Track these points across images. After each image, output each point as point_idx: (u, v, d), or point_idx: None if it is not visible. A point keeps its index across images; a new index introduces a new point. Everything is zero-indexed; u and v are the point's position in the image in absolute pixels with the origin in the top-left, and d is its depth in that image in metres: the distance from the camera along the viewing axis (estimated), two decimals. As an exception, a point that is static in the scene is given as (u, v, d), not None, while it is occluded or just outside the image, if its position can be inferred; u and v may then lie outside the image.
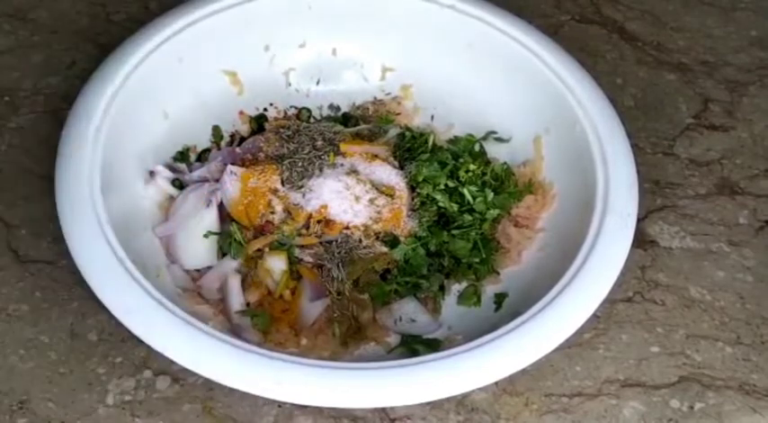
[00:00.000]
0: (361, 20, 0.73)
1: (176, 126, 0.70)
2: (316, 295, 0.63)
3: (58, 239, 0.61)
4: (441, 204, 0.66)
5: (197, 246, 0.64)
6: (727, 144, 0.77)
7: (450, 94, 0.74)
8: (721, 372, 0.63)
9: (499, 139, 0.72)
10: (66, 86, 0.75)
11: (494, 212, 0.67)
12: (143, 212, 0.65)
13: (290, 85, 0.75)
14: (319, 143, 0.69)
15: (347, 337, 0.62)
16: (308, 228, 0.64)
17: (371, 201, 0.65)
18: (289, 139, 0.69)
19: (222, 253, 0.65)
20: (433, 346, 0.61)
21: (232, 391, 0.58)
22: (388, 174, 0.67)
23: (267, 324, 0.61)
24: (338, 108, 0.75)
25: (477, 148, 0.71)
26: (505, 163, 0.71)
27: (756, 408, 0.62)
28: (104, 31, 0.79)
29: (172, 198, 0.67)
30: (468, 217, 0.66)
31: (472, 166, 0.68)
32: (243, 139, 0.72)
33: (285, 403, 0.58)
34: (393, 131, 0.72)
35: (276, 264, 0.63)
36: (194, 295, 0.63)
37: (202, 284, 0.63)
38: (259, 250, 0.64)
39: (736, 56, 0.84)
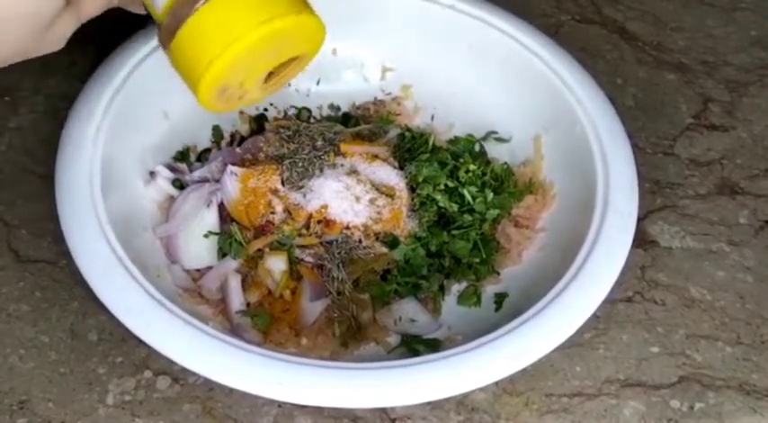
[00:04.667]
0: (361, 20, 0.73)
1: (176, 126, 0.70)
2: (316, 295, 0.63)
3: (58, 239, 0.61)
4: (441, 204, 0.66)
5: (197, 246, 0.64)
6: (728, 144, 0.77)
7: (450, 94, 0.74)
8: (721, 372, 0.63)
9: (499, 139, 0.72)
10: (66, 86, 0.75)
11: (494, 212, 0.67)
12: (143, 212, 0.65)
13: (289, 85, 0.75)
14: (319, 143, 0.69)
15: (347, 337, 0.62)
16: (308, 228, 0.64)
17: (372, 201, 0.65)
18: (289, 139, 0.69)
19: (222, 253, 0.65)
20: (433, 346, 0.61)
21: (232, 391, 0.58)
22: (389, 174, 0.67)
23: (267, 324, 0.61)
24: (338, 108, 0.75)
25: (477, 148, 0.71)
26: (505, 163, 0.71)
27: (756, 408, 0.62)
28: (104, 32, 0.79)
29: (172, 198, 0.67)
30: (468, 217, 0.66)
31: (472, 167, 0.68)
32: (243, 139, 0.72)
33: (285, 403, 0.58)
34: (393, 132, 0.72)
35: (276, 264, 0.63)
36: (194, 295, 0.63)
37: (202, 284, 0.63)
38: (259, 250, 0.64)
39: (736, 56, 0.84)
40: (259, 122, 0.73)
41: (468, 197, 0.67)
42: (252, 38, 0.49)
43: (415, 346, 0.61)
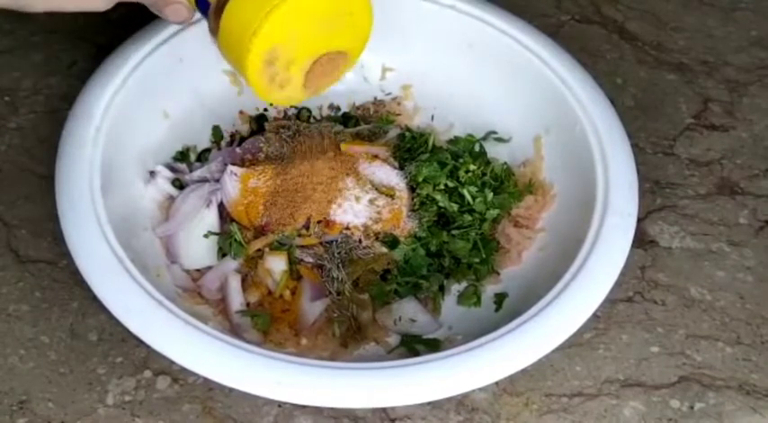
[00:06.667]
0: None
1: (176, 126, 0.70)
2: (316, 295, 0.63)
3: (58, 239, 0.61)
4: (440, 204, 0.66)
5: (197, 246, 0.64)
6: (728, 144, 0.77)
7: (450, 94, 0.74)
8: (721, 372, 0.63)
9: (499, 139, 0.72)
10: (66, 86, 0.75)
11: (493, 212, 0.67)
12: (143, 212, 0.65)
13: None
14: (319, 143, 0.69)
15: (347, 337, 0.62)
16: (308, 228, 0.64)
17: (371, 201, 0.65)
18: (289, 139, 0.69)
19: (222, 253, 0.65)
20: (433, 346, 0.61)
21: (232, 391, 0.58)
22: (388, 174, 0.67)
23: (267, 324, 0.61)
24: (338, 108, 0.75)
25: (477, 148, 0.71)
26: (505, 163, 0.71)
27: (756, 408, 0.62)
28: (104, 31, 0.79)
29: (172, 198, 0.67)
30: (467, 217, 0.66)
31: (472, 167, 0.68)
32: (243, 139, 0.72)
33: (285, 403, 0.58)
34: (393, 132, 0.72)
35: (276, 264, 0.63)
36: (194, 295, 0.63)
37: (202, 284, 0.63)
38: (259, 250, 0.64)
39: (736, 56, 0.84)
40: (259, 122, 0.73)
41: (468, 197, 0.67)
42: None
43: (414, 346, 0.61)
